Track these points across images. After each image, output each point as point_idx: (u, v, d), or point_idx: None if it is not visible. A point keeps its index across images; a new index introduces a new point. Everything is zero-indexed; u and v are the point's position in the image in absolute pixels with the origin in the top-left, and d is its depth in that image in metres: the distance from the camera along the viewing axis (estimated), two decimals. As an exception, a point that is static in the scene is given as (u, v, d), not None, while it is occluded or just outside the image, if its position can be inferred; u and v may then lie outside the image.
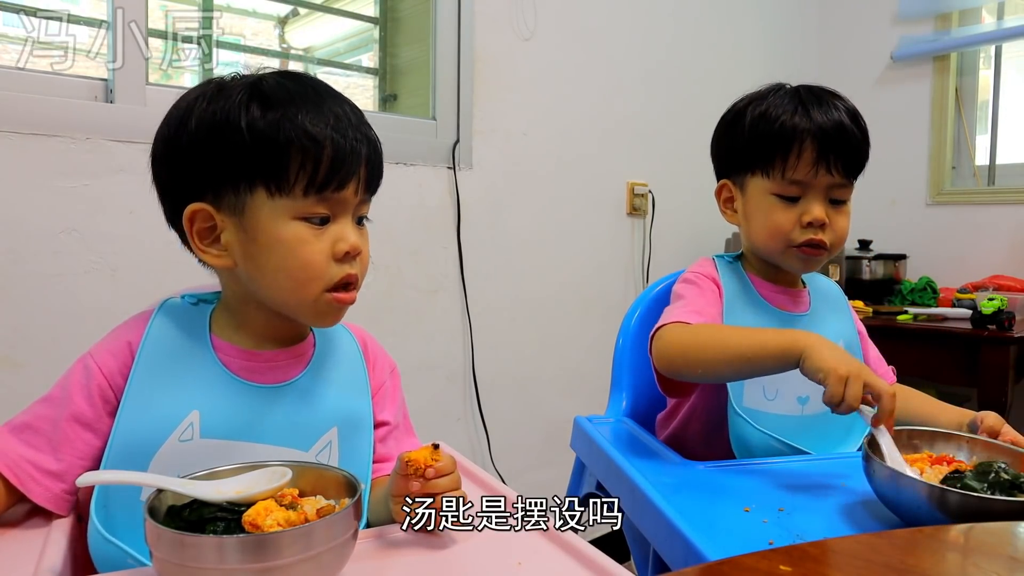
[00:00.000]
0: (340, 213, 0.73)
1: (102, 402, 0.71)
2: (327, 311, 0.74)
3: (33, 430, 0.70)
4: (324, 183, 0.70)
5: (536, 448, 2.04)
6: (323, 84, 0.76)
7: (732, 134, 1.08)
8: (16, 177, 1.25)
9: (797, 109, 1.01)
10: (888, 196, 2.69)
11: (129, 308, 0.81)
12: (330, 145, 0.70)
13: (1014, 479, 0.73)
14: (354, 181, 0.72)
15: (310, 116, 0.70)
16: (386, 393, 0.84)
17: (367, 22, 2.06)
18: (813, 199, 1.01)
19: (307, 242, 0.71)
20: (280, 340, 0.78)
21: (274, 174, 0.69)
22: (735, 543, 0.70)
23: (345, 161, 0.71)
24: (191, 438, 0.70)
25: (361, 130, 0.74)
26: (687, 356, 0.93)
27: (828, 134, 0.99)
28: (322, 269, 0.72)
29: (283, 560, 0.51)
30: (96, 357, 0.73)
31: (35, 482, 0.68)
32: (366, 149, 0.73)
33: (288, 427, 0.74)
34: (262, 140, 0.69)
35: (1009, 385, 1.92)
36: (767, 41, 2.71)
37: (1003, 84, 2.58)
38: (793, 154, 1.00)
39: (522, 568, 0.62)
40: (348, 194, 0.72)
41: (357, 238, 0.74)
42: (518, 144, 1.98)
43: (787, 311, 1.09)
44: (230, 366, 0.74)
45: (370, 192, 0.76)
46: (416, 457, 0.66)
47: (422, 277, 1.81)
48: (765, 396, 1.02)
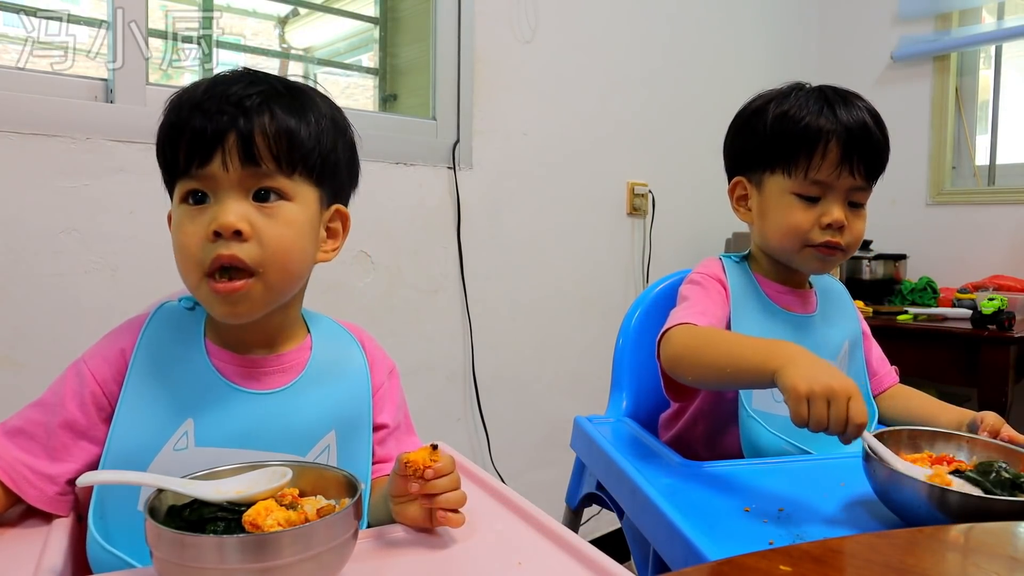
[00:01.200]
0: (217, 190, 0.69)
1: (95, 409, 0.70)
2: (210, 301, 0.70)
3: (27, 435, 0.70)
4: (187, 160, 0.69)
5: (536, 448, 2.04)
6: (245, 71, 0.74)
7: (750, 131, 1.07)
8: (16, 177, 1.25)
9: (823, 109, 1.00)
10: (888, 196, 2.69)
11: (129, 308, 0.81)
12: (192, 124, 0.68)
13: (1014, 479, 0.73)
14: (219, 154, 0.68)
15: (184, 99, 0.71)
16: (385, 395, 0.83)
17: (367, 22, 2.06)
18: (833, 201, 1.00)
19: (182, 224, 0.70)
20: (268, 344, 0.77)
21: (167, 162, 0.72)
22: (735, 543, 0.70)
23: (203, 135, 0.68)
24: (186, 447, 0.69)
25: (238, 102, 0.69)
26: (687, 360, 0.92)
27: (853, 134, 0.98)
28: (195, 251, 0.68)
29: (283, 560, 0.51)
30: (89, 363, 0.72)
31: (30, 484, 0.68)
32: (235, 120, 0.68)
33: (284, 433, 0.73)
34: (158, 137, 0.72)
35: (1009, 385, 1.92)
36: (767, 41, 2.71)
37: (1003, 84, 2.58)
38: (818, 154, 0.99)
39: (522, 568, 0.62)
40: (215, 169, 0.68)
41: (236, 216, 0.67)
42: (518, 144, 1.98)
43: (795, 312, 1.08)
44: (224, 372, 0.73)
45: (259, 165, 0.69)
46: (415, 458, 0.65)
47: (422, 277, 1.81)
48: (773, 398, 1.01)
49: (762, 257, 1.11)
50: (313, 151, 0.72)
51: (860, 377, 1.10)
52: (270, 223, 0.69)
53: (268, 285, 0.70)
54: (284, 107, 0.71)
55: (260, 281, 0.69)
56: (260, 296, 0.70)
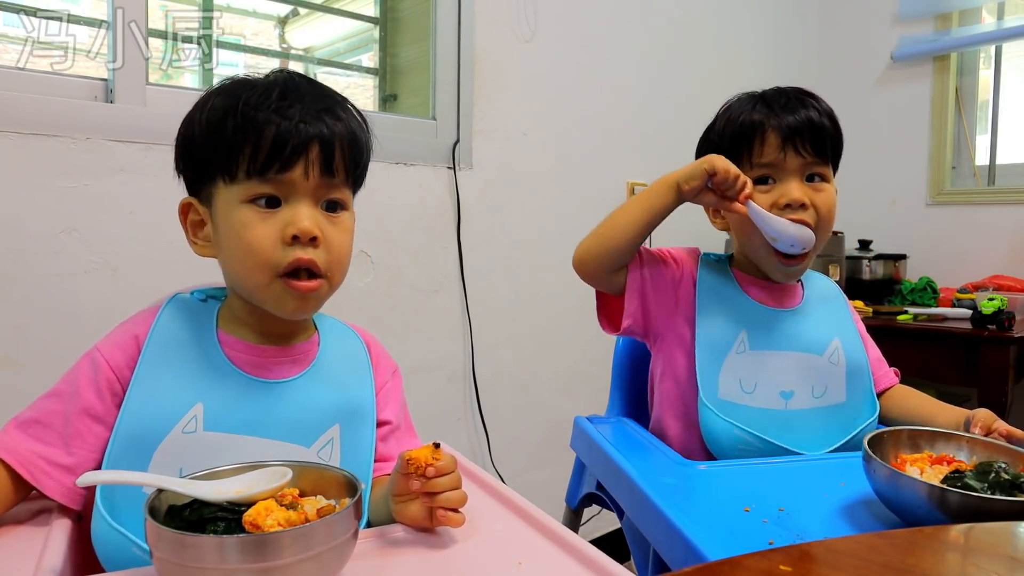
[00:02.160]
0: (292, 195, 0.72)
1: (110, 395, 0.71)
2: (283, 298, 0.73)
3: (43, 425, 0.70)
4: (266, 164, 0.70)
5: (536, 448, 2.04)
6: (302, 77, 0.76)
7: (707, 144, 1.13)
8: (16, 177, 1.25)
9: (756, 106, 1.07)
10: (888, 196, 2.69)
11: (129, 308, 0.81)
12: (272, 127, 0.70)
13: (1014, 479, 0.73)
14: (302, 162, 0.71)
15: (254, 101, 0.71)
16: (388, 393, 0.84)
17: (367, 22, 2.06)
18: (789, 180, 1.04)
19: (251, 225, 0.71)
20: (282, 336, 0.79)
21: (222, 160, 0.72)
22: (735, 543, 0.70)
23: (287, 141, 0.70)
24: (195, 430, 0.70)
25: (316, 113, 0.72)
26: (596, 242, 1.03)
27: (788, 121, 1.03)
28: (268, 252, 0.71)
29: (283, 560, 0.51)
30: (103, 351, 0.73)
31: (48, 476, 0.68)
32: (319, 131, 0.71)
33: (291, 423, 0.74)
34: (211, 129, 0.72)
35: (1009, 385, 1.92)
36: (767, 41, 2.71)
37: (1003, 84, 2.58)
38: (756, 142, 1.04)
39: (522, 568, 0.62)
40: (296, 176, 0.71)
41: (312, 222, 0.71)
42: (518, 144, 1.98)
43: (768, 305, 1.09)
44: (235, 360, 0.75)
45: (334, 176, 0.73)
46: (417, 456, 0.66)
47: (422, 277, 1.81)
48: (742, 389, 1.02)
49: (743, 257, 1.13)
50: (366, 162, 0.78)
51: (860, 377, 1.09)
52: (336, 231, 0.74)
53: (332, 286, 0.76)
54: (350, 118, 0.75)
55: (327, 283, 0.74)
56: (325, 296, 0.76)
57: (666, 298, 1.08)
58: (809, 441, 1.01)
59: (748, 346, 1.04)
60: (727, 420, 0.99)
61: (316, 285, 0.73)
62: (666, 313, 1.08)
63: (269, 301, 0.74)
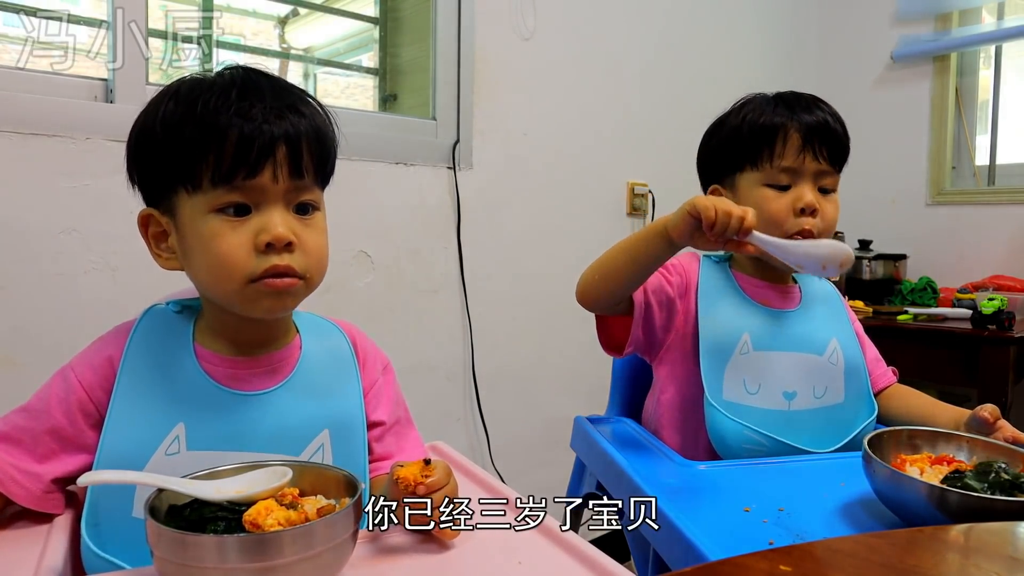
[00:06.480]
0: (263, 202, 0.69)
1: (82, 415, 0.70)
2: (258, 297, 0.70)
3: (12, 441, 0.70)
4: (231, 171, 0.67)
5: (536, 448, 2.04)
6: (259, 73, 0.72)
7: (717, 140, 1.14)
8: (16, 177, 1.25)
9: (777, 107, 1.08)
10: (888, 196, 2.69)
11: (129, 308, 0.81)
12: (234, 130, 0.66)
13: (1014, 479, 0.73)
14: (269, 166, 0.67)
15: (213, 104, 0.67)
16: (379, 391, 0.82)
17: (367, 22, 2.06)
18: (803, 185, 1.06)
19: (221, 235, 0.68)
20: (260, 344, 0.76)
21: (183, 170, 0.68)
22: (735, 543, 0.70)
23: (253, 144, 0.66)
24: (178, 451, 0.69)
25: (280, 111, 0.68)
26: (597, 277, 1.01)
27: (809, 124, 1.05)
28: (242, 262, 0.68)
29: (283, 560, 0.51)
30: (76, 370, 0.72)
31: (16, 483, 0.68)
32: (284, 130, 0.68)
33: (277, 434, 0.73)
34: (168, 137, 0.69)
35: (1009, 385, 1.92)
36: (767, 41, 2.71)
37: (1003, 84, 2.58)
38: (779, 142, 1.05)
39: (522, 568, 0.62)
40: (265, 180, 0.68)
41: (285, 228, 0.68)
42: (518, 144, 1.98)
43: (768, 306, 1.09)
44: (214, 375, 0.73)
45: (303, 177, 0.70)
46: (406, 475, 0.64)
47: (422, 277, 1.81)
48: (747, 390, 1.03)
49: (743, 256, 1.13)
50: (334, 158, 0.76)
51: (857, 377, 1.10)
52: (310, 233, 0.72)
53: (310, 287, 0.73)
54: (314, 113, 0.72)
55: (305, 283, 0.72)
56: (302, 294, 0.73)
57: (669, 314, 1.08)
58: (810, 442, 1.01)
59: (751, 347, 1.05)
60: (736, 421, 0.99)
61: (293, 281, 0.70)
62: (670, 328, 1.09)
63: (244, 304, 0.71)
